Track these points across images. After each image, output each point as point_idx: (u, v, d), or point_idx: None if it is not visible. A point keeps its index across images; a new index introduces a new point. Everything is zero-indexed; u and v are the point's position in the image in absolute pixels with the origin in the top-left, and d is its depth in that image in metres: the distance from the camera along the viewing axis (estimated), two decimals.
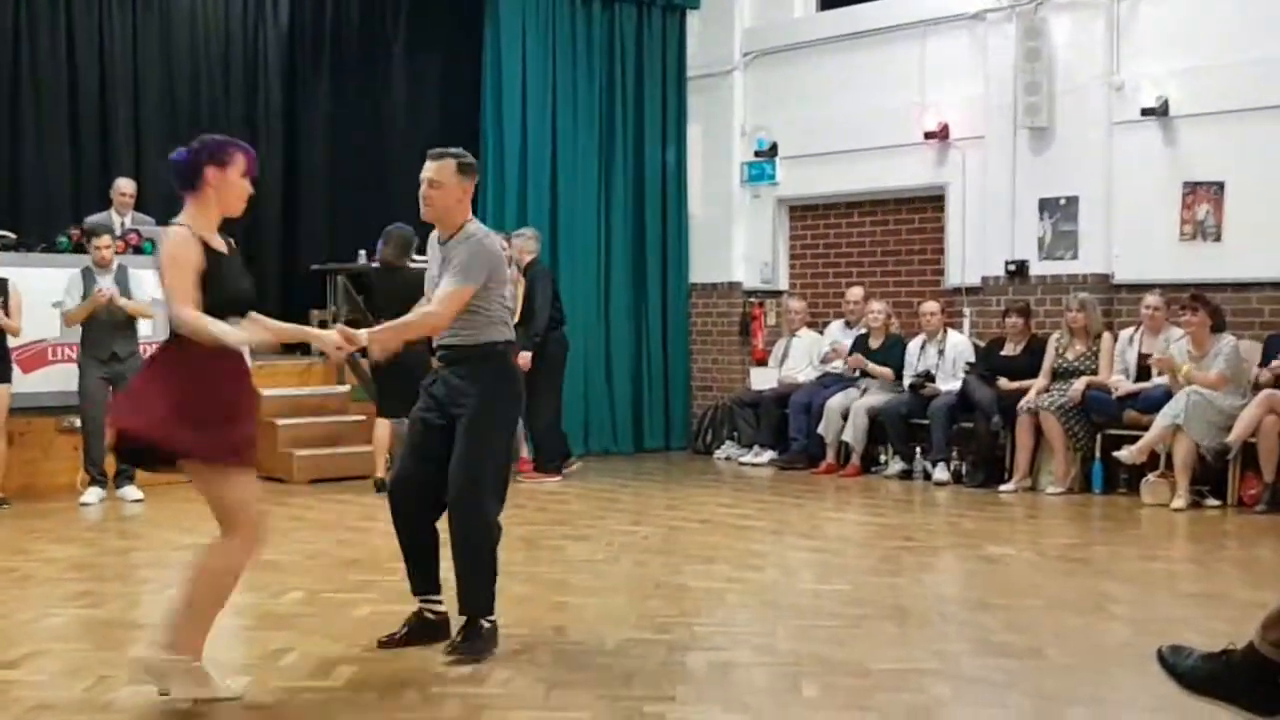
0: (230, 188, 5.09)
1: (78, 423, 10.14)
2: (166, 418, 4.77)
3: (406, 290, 10.06)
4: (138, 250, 10.91)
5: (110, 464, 10.17)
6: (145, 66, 13.28)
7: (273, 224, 14.14)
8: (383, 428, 10.43)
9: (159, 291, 5.35)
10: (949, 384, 11.21)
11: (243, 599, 6.70)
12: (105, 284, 9.95)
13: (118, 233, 11.02)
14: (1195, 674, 4.26)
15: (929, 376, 11.28)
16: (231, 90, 13.89)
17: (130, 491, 10.03)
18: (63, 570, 7.53)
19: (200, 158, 5.01)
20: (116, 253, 10.55)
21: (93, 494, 9.94)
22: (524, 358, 11.03)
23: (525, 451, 11.71)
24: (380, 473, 10.30)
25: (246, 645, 5.90)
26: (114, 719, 4.68)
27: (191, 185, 5.06)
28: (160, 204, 12.36)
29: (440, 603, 5.71)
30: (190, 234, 4.96)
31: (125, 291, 10.00)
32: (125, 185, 11.69)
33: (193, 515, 9.27)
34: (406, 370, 10.16)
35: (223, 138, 5.16)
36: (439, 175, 5.83)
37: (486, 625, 5.53)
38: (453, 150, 5.93)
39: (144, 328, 10.45)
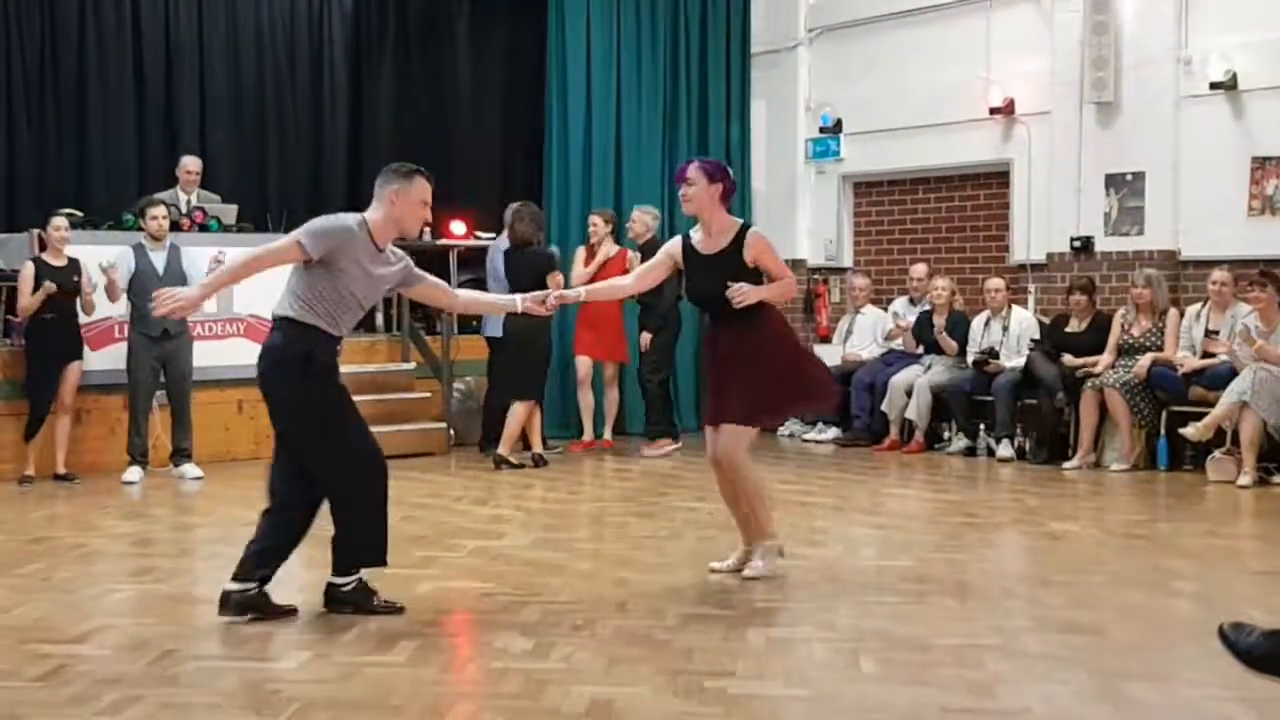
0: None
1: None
2: None
3: (538, 266, 10.34)
4: (203, 227, 11.02)
5: (165, 444, 10.29)
6: (211, 45, 13.35)
7: (338, 202, 14.16)
8: (524, 408, 10.60)
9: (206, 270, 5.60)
10: (1013, 360, 11.15)
11: (306, 575, 6.79)
12: (158, 259, 9.97)
13: (183, 210, 11.14)
14: (1256, 651, 4.23)
15: (993, 353, 11.22)
16: (297, 69, 13.96)
17: (189, 469, 10.11)
18: (128, 546, 7.67)
19: None
20: (183, 229, 10.69)
21: (134, 473, 9.96)
22: (645, 338, 11.23)
23: (588, 433, 11.79)
24: (538, 447, 10.73)
25: (309, 620, 5.97)
26: (178, 692, 4.73)
27: None
28: (226, 181, 12.54)
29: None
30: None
31: (177, 268, 9.93)
32: (190, 163, 11.78)
33: (253, 492, 9.43)
34: (533, 352, 10.45)
35: None
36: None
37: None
38: None
39: (208, 304, 10.59)
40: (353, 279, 5.83)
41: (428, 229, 12.89)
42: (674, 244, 6.64)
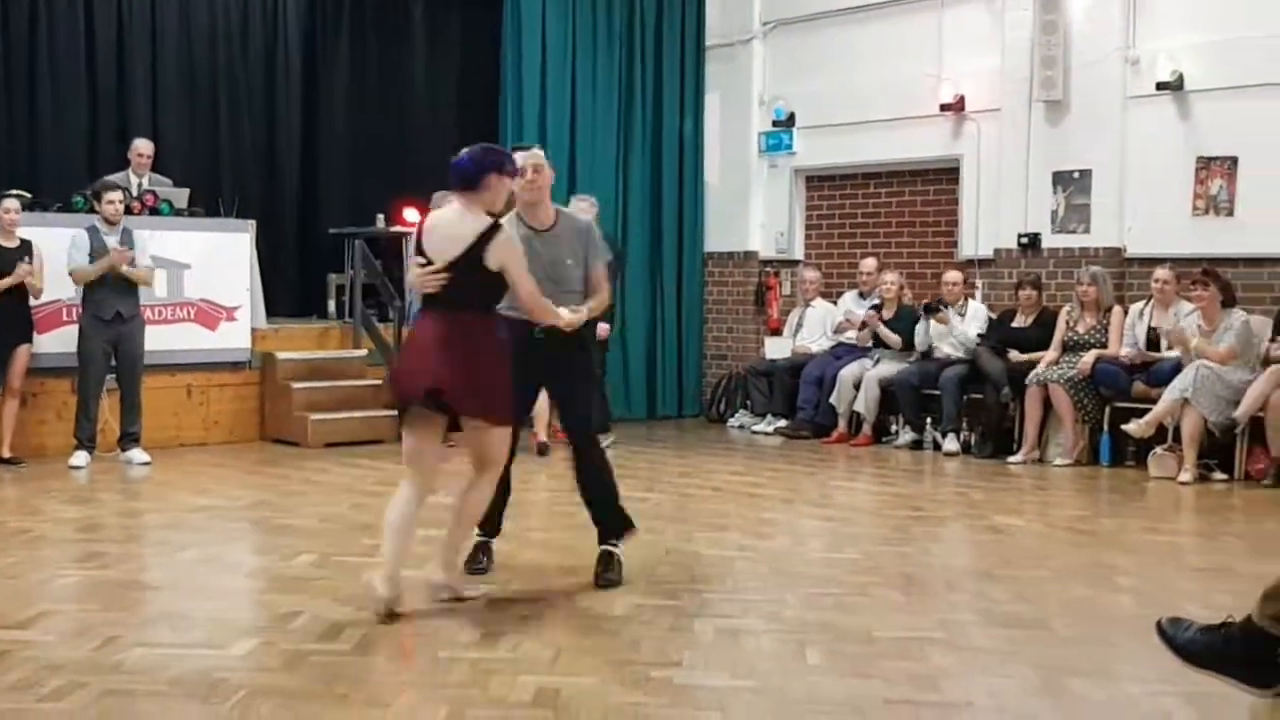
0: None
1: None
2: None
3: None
4: (154, 211, 10.95)
5: (112, 428, 10.23)
6: (163, 27, 13.22)
7: (291, 188, 14.16)
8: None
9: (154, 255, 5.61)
10: (960, 351, 11.30)
11: (254, 561, 6.80)
12: (112, 243, 9.90)
13: (134, 193, 11.07)
14: (1193, 646, 4.31)
15: (942, 302, 11.30)
16: (250, 52, 13.87)
17: (137, 454, 10.05)
18: (74, 531, 7.60)
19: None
20: (133, 213, 10.61)
21: (81, 457, 9.87)
22: (603, 328, 11.26)
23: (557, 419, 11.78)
24: (543, 437, 10.66)
25: (257, 608, 5.99)
26: (123, 679, 4.72)
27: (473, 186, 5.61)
28: (178, 165, 12.44)
29: None
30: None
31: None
32: (143, 146, 11.71)
33: (202, 478, 9.43)
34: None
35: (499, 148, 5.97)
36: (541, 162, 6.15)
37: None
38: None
39: (158, 289, 10.57)
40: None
41: (381, 216, 12.96)
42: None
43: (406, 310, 11.15)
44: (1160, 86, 10.90)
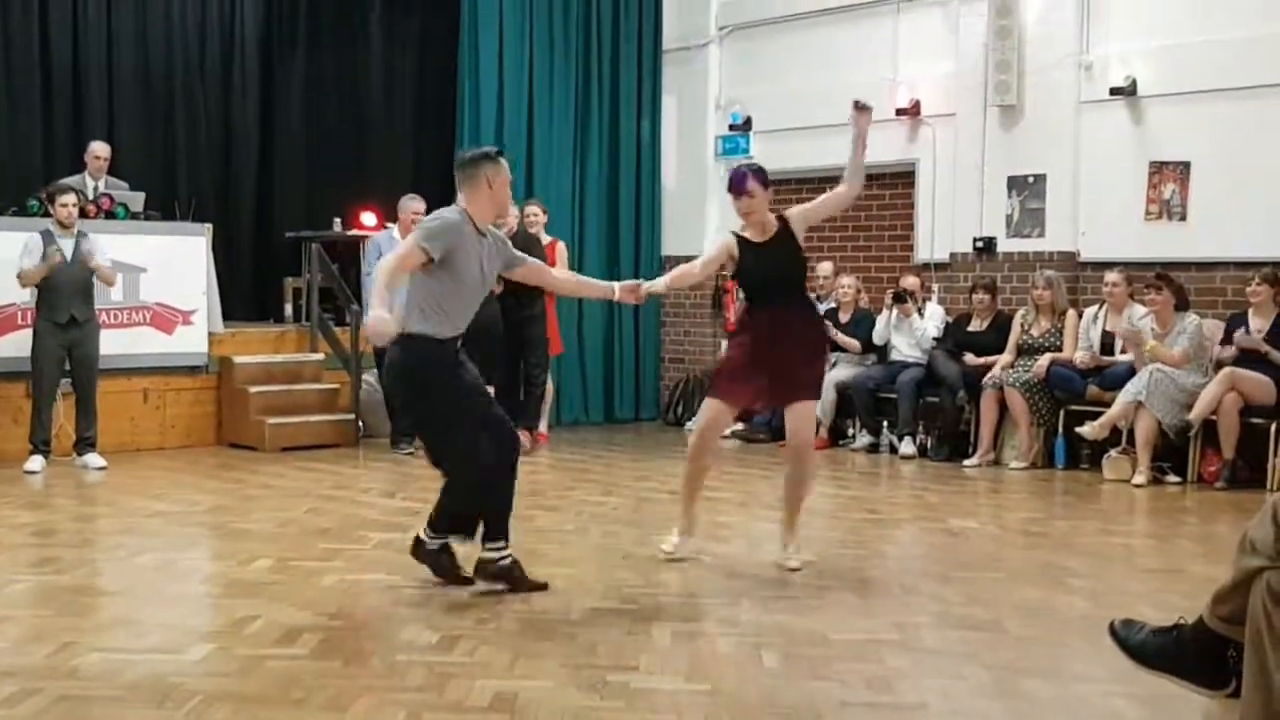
0: None
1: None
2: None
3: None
4: (109, 215, 10.89)
5: (68, 433, 10.15)
6: (119, 30, 13.16)
7: (248, 191, 14.12)
8: None
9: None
10: (916, 355, 11.39)
11: (211, 566, 6.78)
12: (66, 246, 9.82)
13: (90, 196, 11.00)
14: (1146, 648, 4.35)
15: (906, 295, 11.39)
16: (207, 55, 13.81)
17: (93, 459, 9.96)
18: (28, 536, 7.52)
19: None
20: (89, 216, 10.54)
21: (36, 462, 9.79)
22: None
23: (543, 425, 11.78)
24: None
25: (213, 612, 5.97)
26: (78, 684, 4.70)
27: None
28: (134, 168, 12.37)
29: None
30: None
31: (81, 254, 9.85)
32: (99, 149, 11.62)
33: (158, 483, 9.38)
34: (483, 332, 10.53)
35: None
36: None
37: None
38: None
39: (113, 292, 10.50)
40: (468, 271, 5.96)
41: (338, 220, 12.94)
42: (728, 239, 6.98)
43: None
44: (1114, 92, 10.99)
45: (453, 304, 5.96)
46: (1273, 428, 9.39)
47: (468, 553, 6.23)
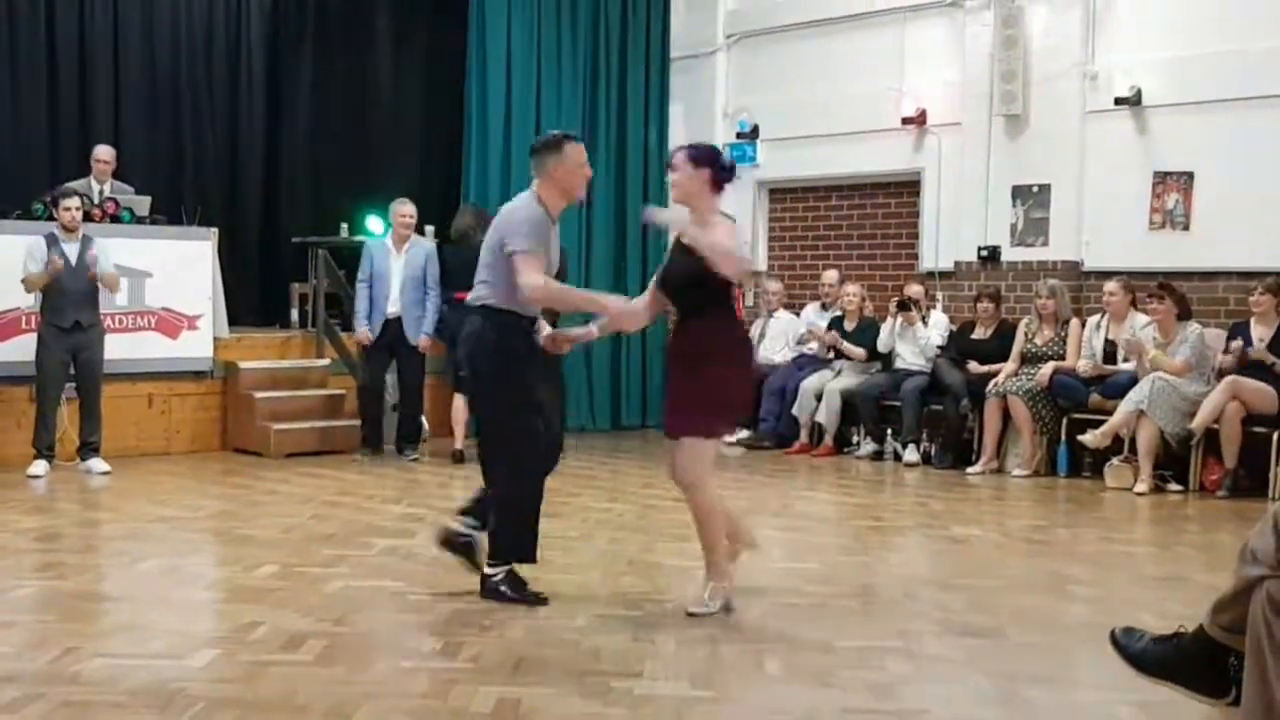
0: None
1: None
2: None
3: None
4: (114, 219, 10.90)
5: (71, 438, 10.16)
6: (126, 33, 13.15)
7: (254, 195, 14.12)
8: (458, 400, 10.80)
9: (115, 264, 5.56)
10: (920, 363, 11.42)
11: (215, 572, 6.79)
12: (70, 250, 9.83)
13: (95, 200, 11.02)
14: (1146, 656, 4.35)
15: (914, 302, 11.40)
16: (214, 58, 13.81)
17: (97, 464, 9.96)
18: (31, 541, 7.53)
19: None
20: (94, 220, 10.56)
21: (40, 467, 9.77)
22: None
23: None
24: (459, 444, 10.78)
25: (218, 618, 5.99)
26: (81, 690, 4.70)
27: None
28: (140, 173, 12.38)
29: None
30: None
31: (85, 261, 9.85)
32: (104, 152, 11.61)
33: (162, 488, 9.39)
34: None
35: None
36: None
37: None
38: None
39: (119, 297, 10.51)
40: (547, 256, 6.07)
41: (344, 225, 12.94)
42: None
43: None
44: (1119, 102, 11.02)
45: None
46: (1275, 436, 9.41)
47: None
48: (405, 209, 11.12)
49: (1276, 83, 10.21)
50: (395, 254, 11.05)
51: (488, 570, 6.09)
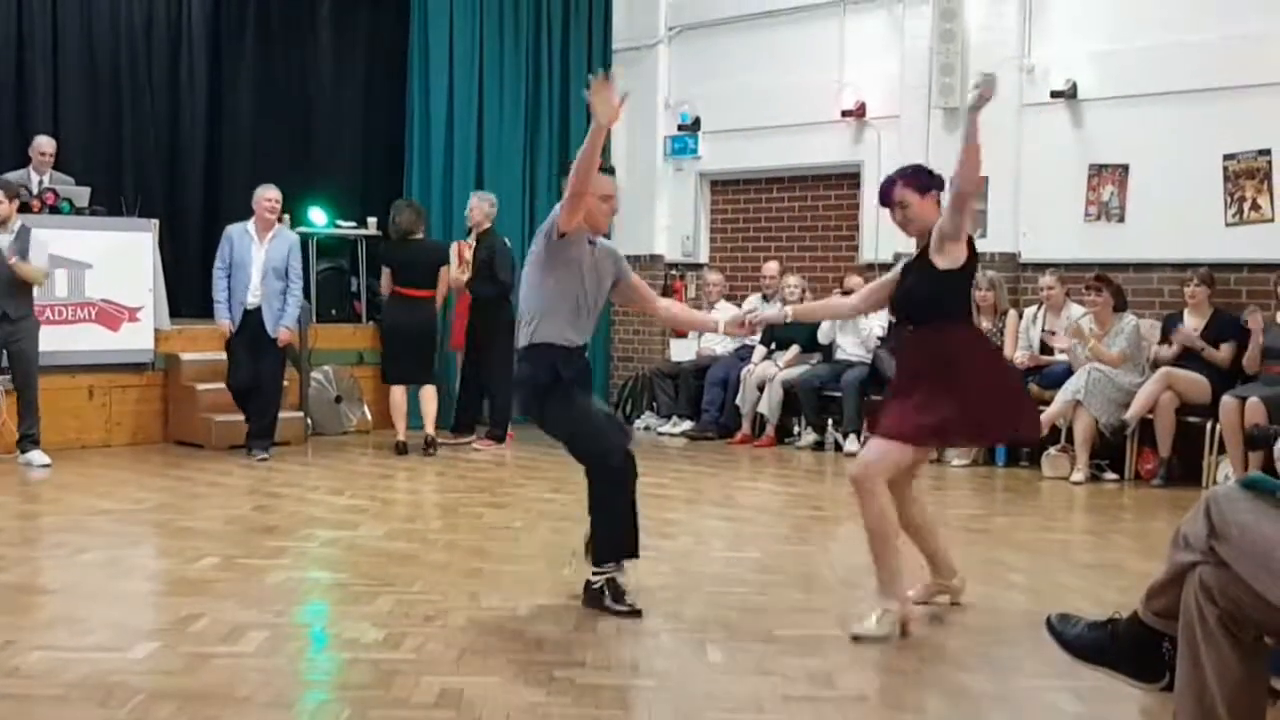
0: None
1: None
2: None
3: (426, 256, 11.20)
4: (54, 210, 10.79)
5: (11, 430, 10.07)
6: (65, 23, 13.03)
7: (195, 186, 14.03)
8: (398, 393, 11.07)
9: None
10: (860, 353, 11.53)
11: (156, 564, 6.75)
12: (5, 242, 9.72)
13: (34, 191, 10.92)
14: (1081, 642, 4.41)
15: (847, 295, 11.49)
16: (154, 49, 13.71)
17: (37, 456, 9.87)
18: None
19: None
20: (32, 211, 10.46)
21: None
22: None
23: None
24: (402, 436, 10.96)
25: (157, 610, 5.96)
26: (19, 683, 4.68)
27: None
28: (79, 164, 12.27)
29: None
30: None
31: (23, 252, 9.73)
32: (44, 144, 11.51)
33: (103, 481, 9.33)
34: (417, 340, 10.75)
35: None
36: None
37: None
38: None
39: (58, 288, 10.42)
40: (571, 279, 6.00)
41: (286, 216, 12.85)
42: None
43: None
44: (1054, 95, 11.13)
45: (562, 308, 5.98)
46: (1208, 426, 9.54)
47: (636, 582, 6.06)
48: (270, 194, 10.57)
49: (1211, 76, 10.33)
50: (258, 242, 10.51)
51: (591, 577, 5.94)
